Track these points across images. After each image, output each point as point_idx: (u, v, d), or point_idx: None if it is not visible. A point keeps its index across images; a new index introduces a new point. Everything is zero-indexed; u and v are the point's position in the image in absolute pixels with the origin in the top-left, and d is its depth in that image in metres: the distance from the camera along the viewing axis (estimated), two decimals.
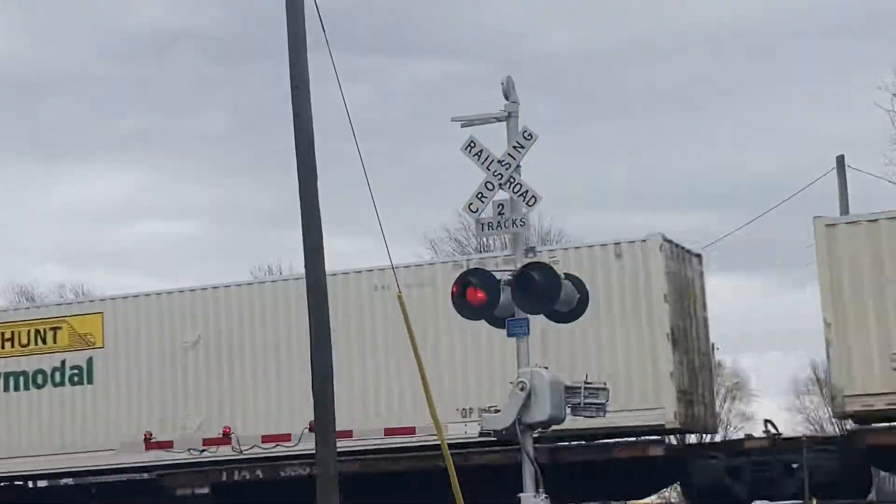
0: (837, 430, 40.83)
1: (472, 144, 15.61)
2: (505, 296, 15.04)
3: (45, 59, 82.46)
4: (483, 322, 15.67)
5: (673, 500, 32.87)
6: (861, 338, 19.75)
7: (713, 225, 77.41)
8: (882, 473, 25.57)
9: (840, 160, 34.90)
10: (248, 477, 22.76)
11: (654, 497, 27.64)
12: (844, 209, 34.16)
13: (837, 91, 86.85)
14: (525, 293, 14.94)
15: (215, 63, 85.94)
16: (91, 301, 26.19)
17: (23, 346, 24.94)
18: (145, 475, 25.22)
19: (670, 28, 78.53)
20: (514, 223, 15.37)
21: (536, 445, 14.79)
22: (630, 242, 21.71)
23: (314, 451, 16.97)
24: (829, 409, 18.96)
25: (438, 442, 17.30)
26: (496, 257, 22.43)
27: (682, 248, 22.64)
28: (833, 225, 20.10)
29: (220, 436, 22.31)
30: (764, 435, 21.77)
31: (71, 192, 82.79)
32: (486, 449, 20.97)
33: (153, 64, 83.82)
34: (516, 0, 79.40)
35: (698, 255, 23.60)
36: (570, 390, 15.14)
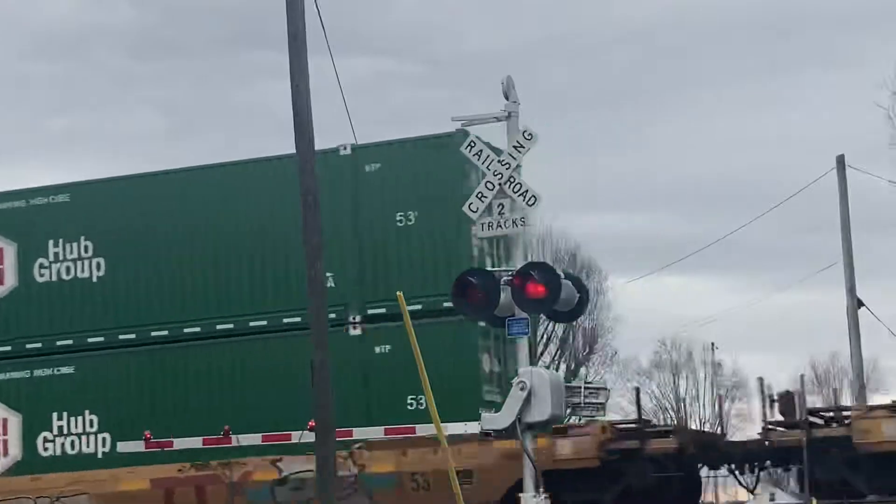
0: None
1: (473, 144, 15.61)
2: (505, 296, 15.03)
3: None
4: None
5: None
6: None
7: (657, 227, 77.24)
8: None
9: (840, 160, 34.90)
10: None
11: None
12: (845, 209, 34.18)
13: (768, 91, 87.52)
14: (524, 293, 14.93)
15: (137, 60, 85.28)
16: None
17: None
18: None
19: (592, 25, 78.65)
20: (514, 223, 15.36)
21: None
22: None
23: None
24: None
25: None
26: None
27: None
28: None
29: (221, 435, 22.23)
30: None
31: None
32: None
33: (71, 62, 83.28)
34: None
35: None
36: (571, 390, 15.15)
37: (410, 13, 79.62)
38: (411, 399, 20.23)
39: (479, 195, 15.42)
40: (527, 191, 15.27)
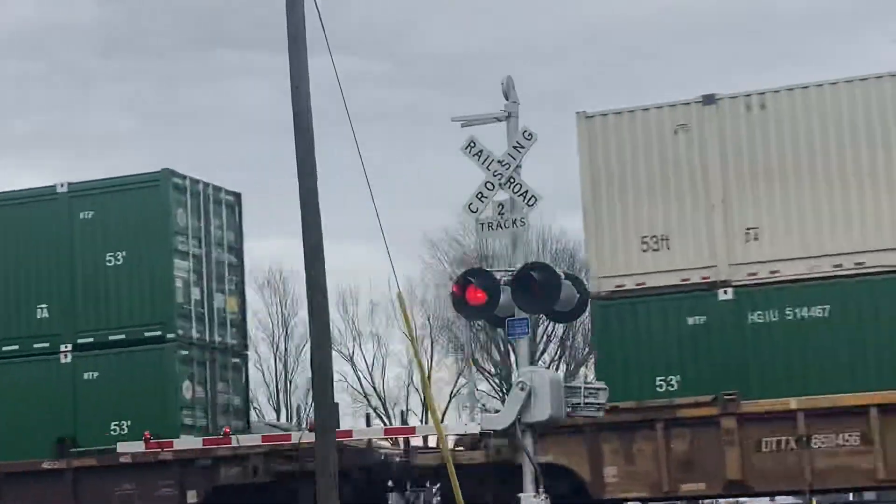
0: None
1: (472, 144, 15.62)
2: (505, 296, 15.04)
3: None
4: None
5: None
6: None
7: None
8: None
9: None
10: None
11: None
12: None
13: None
14: (525, 293, 14.94)
15: (101, 58, 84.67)
16: None
17: None
18: None
19: (557, 27, 78.27)
20: (514, 223, 15.37)
21: None
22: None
23: None
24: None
25: None
26: None
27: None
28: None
29: (221, 436, 22.20)
30: None
31: None
32: None
33: (34, 61, 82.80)
34: None
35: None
36: (570, 390, 15.15)
37: (375, 11, 79.53)
38: (114, 425, 22.12)
39: (479, 195, 15.42)
40: (527, 191, 15.28)
